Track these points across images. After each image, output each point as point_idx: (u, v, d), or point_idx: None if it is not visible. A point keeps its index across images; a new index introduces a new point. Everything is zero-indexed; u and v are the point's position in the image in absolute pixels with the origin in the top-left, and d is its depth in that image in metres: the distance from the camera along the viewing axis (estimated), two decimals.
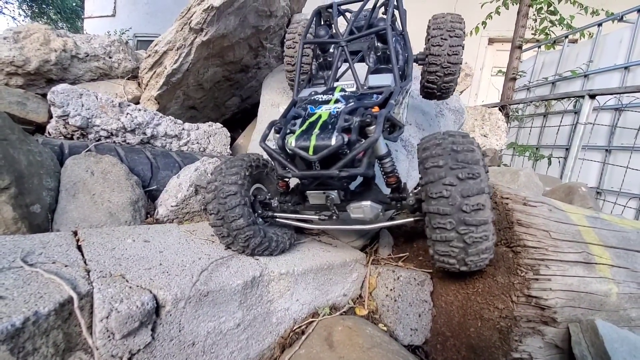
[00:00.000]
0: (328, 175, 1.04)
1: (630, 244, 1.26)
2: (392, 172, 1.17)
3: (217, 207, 1.20)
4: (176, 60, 1.98)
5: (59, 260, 1.03)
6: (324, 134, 1.04)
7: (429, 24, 1.75)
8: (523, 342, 1.02)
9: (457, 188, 0.92)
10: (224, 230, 1.22)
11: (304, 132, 1.09)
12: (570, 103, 4.50)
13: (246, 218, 1.19)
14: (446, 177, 0.93)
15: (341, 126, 1.06)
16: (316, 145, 1.03)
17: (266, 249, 1.29)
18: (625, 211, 3.78)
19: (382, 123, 1.05)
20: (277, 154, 1.12)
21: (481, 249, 0.96)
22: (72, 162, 1.51)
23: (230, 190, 1.18)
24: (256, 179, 1.32)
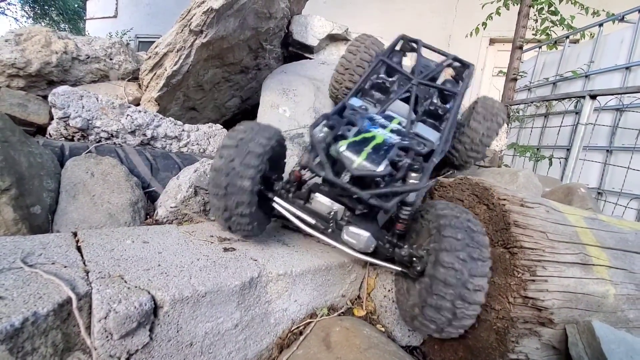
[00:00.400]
0: (356, 194, 1.06)
1: (629, 245, 1.26)
2: (405, 221, 1.20)
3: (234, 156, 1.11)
4: (176, 62, 1.99)
5: (58, 261, 1.03)
6: (375, 156, 1.08)
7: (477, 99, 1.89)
8: (520, 343, 1.03)
9: (468, 265, 0.96)
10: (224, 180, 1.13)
11: (357, 143, 1.12)
12: (571, 103, 4.49)
13: (254, 183, 1.12)
14: (462, 251, 0.96)
15: (392, 158, 1.10)
16: (363, 163, 1.06)
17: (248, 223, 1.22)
18: (626, 212, 3.76)
19: (427, 176, 1.11)
20: (322, 148, 1.12)
21: (463, 324, 1.01)
22: (73, 163, 1.52)
23: (256, 151, 1.12)
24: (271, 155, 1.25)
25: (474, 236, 0.99)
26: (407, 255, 1.13)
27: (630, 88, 3.62)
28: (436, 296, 0.98)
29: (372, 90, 1.73)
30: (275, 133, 1.23)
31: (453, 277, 0.95)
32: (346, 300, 1.51)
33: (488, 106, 1.78)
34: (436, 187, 1.45)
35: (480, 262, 0.97)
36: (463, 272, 0.95)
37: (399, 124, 1.36)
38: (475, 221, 1.05)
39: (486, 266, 0.98)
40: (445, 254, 0.97)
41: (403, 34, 1.87)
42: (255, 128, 1.20)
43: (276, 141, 1.22)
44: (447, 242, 0.98)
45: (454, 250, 0.96)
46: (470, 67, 1.75)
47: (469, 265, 0.95)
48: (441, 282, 0.97)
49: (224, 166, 1.13)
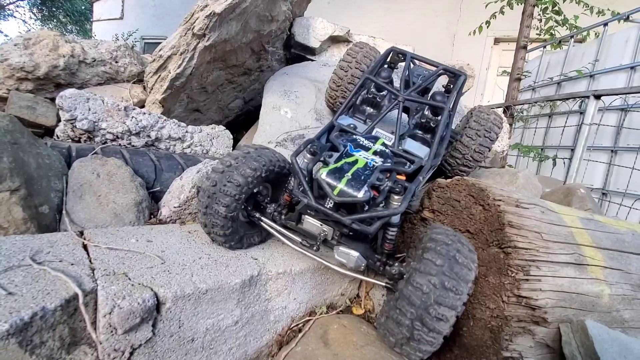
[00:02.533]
0: (338, 220, 1.09)
1: (625, 246, 1.27)
2: (392, 241, 1.23)
3: (217, 182, 1.18)
4: (180, 64, 2.03)
5: (65, 259, 1.07)
6: (354, 182, 1.10)
7: (472, 110, 1.91)
8: (514, 341, 1.04)
9: (437, 292, 0.95)
10: (206, 201, 1.20)
11: (338, 170, 1.15)
12: (575, 103, 4.47)
13: (229, 210, 1.18)
14: (435, 276, 0.97)
15: (372, 183, 1.13)
16: (343, 189, 1.08)
17: (225, 242, 1.28)
18: (631, 213, 3.74)
19: (408, 199, 1.13)
20: (304, 175, 1.17)
21: (421, 348, 1.00)
22: (79, 164, 1.57)
23: (237, 180, 1.18)
24: (269, 179, 1.31)
25: (456, 267, 0.98)
26: (397, 273, 1.15)
27: (635, 88, 3.59)
28: (398, 311, 0.99)
29: (363, 106, 1.74)
30: (269, 161, 1.26)
31: (418, 299, 0.96)
32: (345, 299, 1.54)
33: (482, 120, 1.78)
34: (434, 188, 1.47)
35: (451, 294, 0.95)
36: (430, 296, 0.94)
37: (383, 144, 1.36)
38: (467, 254, 1.03)
39: (458, 300, 0.95)
40: (418, 274, 0.98)
41: (393, 47, 1.88)
42: (249, 156, 1.23)
43: (269, 169, 1.26)
44: (424, 264, 0.99)
45: (426, 274, 0.97)
46: (461, 78, 1.73)
47: (438, 292, 0.94)
48: (406, 299, 0.98)
49: (208, 188, 1.20)
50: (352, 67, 1.95)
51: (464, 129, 1.83)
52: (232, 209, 1.20)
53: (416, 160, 1.36)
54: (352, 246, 1.17)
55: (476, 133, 1.75)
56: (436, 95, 1.62)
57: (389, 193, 1.15)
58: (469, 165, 1.81)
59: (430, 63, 1.84)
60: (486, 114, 1.80)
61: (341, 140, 1.32)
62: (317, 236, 1.19)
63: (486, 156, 1.80)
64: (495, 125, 1.76)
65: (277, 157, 1.32)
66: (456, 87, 1.70)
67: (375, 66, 1.74)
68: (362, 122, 1.67)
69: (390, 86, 1.67)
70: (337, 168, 1.13)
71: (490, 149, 1.81)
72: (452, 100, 1.62)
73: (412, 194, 1.14)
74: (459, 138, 1.81)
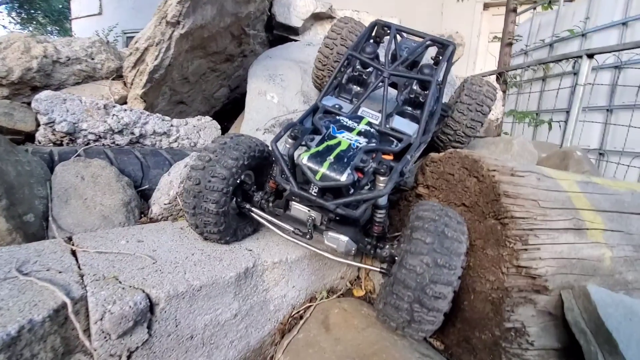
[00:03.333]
0: (322, 205, 1.06)
1: (625, 207, 1.25)
2: (381, 223, 1.19)
3: (200, 179, 1.14)
4: (157, 56, 1.95)
5: (53, 267, 1.05)
6: (337, 165, 1.06)
7: (464, 82, 1.82)
8: (515, 312, 1.03)
9: (431, 270, 0.93)
10: (193, 202, 1.16)
11: (319, 153, 1.10)
12: (568, 64, 4.37)
13: (219, 206, 1.16)
14: (427, 255, 0.94)
15: (356, 165, 1.09)
16: (326, 173, 1.04)
17: (220, 238, 1.25)
18: (629, 170, 3.72)
19: (394, 180, 1.08)
20: (285, 161, 1.12)
21: (423, 328, 0.99)
22: (62, 168, 1.52)
23: (221, 173, 1.14)
24: (252, 166, 1.28)
25: (446, 242, 0.96)
26: (389, 256, 1.13)
27: (628, 44, 3.50)
28: (395, 296, 0.97)
29: (349, 84, 1.67)
30: (249, 148, 1.22)
31: (413, 280, 0.94)
32: (345, 282, 1.53)
33: (474, 93, 1.71)
34: (427, 163, 1.43)
35: (445, 270, 0.93)
36: (424, 276, 0.93)
37: (368, 123, 1.31)
38: (456, 226, 1.01)
39: (453, 275, 0.94)
40: (409, 256, 0.96)
41: (377, 20, 1.78)
42: (227, 147, 1.18)
43: (250, 156, 1.22)
44: (414, 244, 0.97)
45: (418, 254, 0.95)
46: (449, 48, 1.65)
47: (432, 271, 0.93)
48: (401, 283, 0.95)
49: (192, 188, 1.15)
50: (338, 44, 1.87)
51: (455, 103, 1.77)
52: (222, 203, 1.17)
53: (404, 138, 1.31)
54: (341, 230, 1.14)
55: (468, 107, 1.69)
56: (424, 68, 1.55)
57: (374, 174, 1.11)
58: (461, 141, 1.76)
59: (417, 34, 1.76)
60: (478, 85, 1.73)
61: (324, 122, 1.26)
62: (306, 222, 1.16)
63: (478, 130, 1.75)
64: (488, 97, 1.70)
65: (256, 142, 1.27)
66: (445, 57, 1.64)
67: (358, 42, 1.66)
68: (348, 101, 1.61)
69: (375, 62, 1.60)
70: (318, 152, 1.09)
71: (483, 123, 1.76)
72: (440, 72, 1.55)
73: (398, 173, 1.09)
74: (451, 113, 1.75)
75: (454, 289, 0.95)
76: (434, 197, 1.39)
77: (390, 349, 1.05)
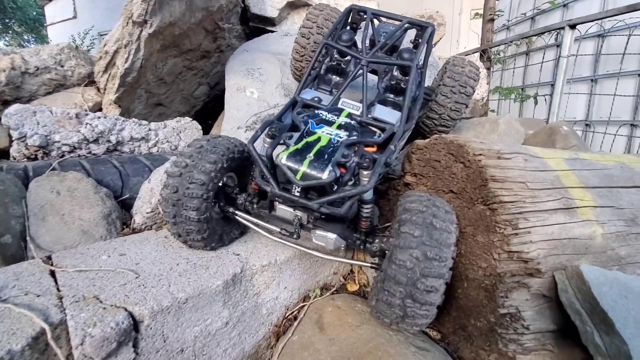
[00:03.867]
0: (305, 206, 1.02)
1: (614, 181, 1.23)
2: (368, 218, 1.15)
3: (178, 187, 1.10)
4: (127, 58, 1.86)
5: (31, 291, 1.00)
6: (317, 163, 1.01)
7: (447, 64, 1.77)
8: (509, 297, 1.02)
9: (421, 264, 0.91)
10: (172, 210, 1.13)
11: (299, 151, 1.06)
12: (551, 37, 4.34)
13: (200, 213, 1.11)
14: (417, 249, 0.92)
15: (337, 160, 1.04)
16: (306, 172, 1.00)
17: (205, 245, 1.22)
18: (616, 140, 3.74)
19: (377, 174, 1.04)
20: (263, 162, 1.08)
21: (417, 322, 0.97)
22: (36, 185, 1.46)
23: (199, 179, 1.10)
24: (232, 168, 1.23)
25: (435, 234, 0.94)
26: (379, 250, 1.10)
27: (610, 11, 3.47)
28: (387, 292, 0.95)
29: (328, 75, 1.60)
30: (227, 150, 1.17)
31: (403, 276, 0.91)
32: (339, 277, 1.50)
33: (456, 74, 1.67)
34: (413, 151, 1.39)
35: (435, 262, 0.91)
36: (415, 271, 0.90)
37: (348, 115, 1.26)
38: (444, 216, 0.99)
39: (444, 267, 0.92)
40: (398, 250, 0.93)
41: (352, 5, 1.72)
42: (203, 150, 1.13)
43: (230, 158, 1.17)
44: (402, 238, 0.94)
45: (407, 248, 0.92)
46: (428, 29, 1.60)
47: (422, 265, 0.91)
48: (392, 279, 0.93)
49: (170, 196, 1.11)
50: (314, 32, 1.81)
51: (438, 86, 1.73)
52: (203, 210, 1.12)
53: (387, 128, 1.27)
54: (329, 228, 1.11)
55: (451, 90, 1.65)
56: (403, 52, 1.49)
57: (357, 169, 1.07)
58: (446, 125, 1.72)
59: (394, 18, 1.70)
60: (460, 66, 1.69)
61: (302, 118, 1.22)
62: (292, 222, 1.13)
63: (464, 112, 1.71)
64: (471, 78, 1.66)
65: (234, 142, 1.22)
66: (424, 40, 1.58)
67: (334, 29, 1.60)
68: (328, 93, 1.56)
69: (352, 49, 1.54)
70: (297, 150, 1.05)
71: (468, 105, 1.72)
72: (420, 55, 1.50)
73: (381, 166, 1.06)
74: (434, 97, 1.71)
75: (446, 281, 0.93)
76: (421, 185, 1.36)
77: (385, 346, 1.03)
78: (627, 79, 3.69)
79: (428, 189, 1.32)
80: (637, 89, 3.63)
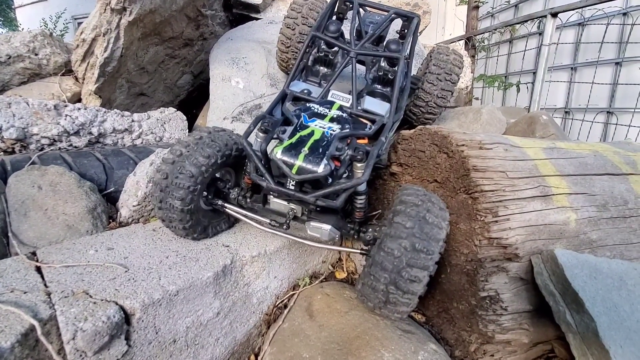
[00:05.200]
0: (301, 199, 1.04)
1: (588, 169, 1.29)
2: (362, 209, 1.18)
3: (168, 174, 1.11)
4: (106, 47, 1.80)
5: (18, 288, 0.99)
6: (312, 157, 1.03)
7: (432, 52, 1.79)
8: (489, 281, 1.07)
9: (408, 254, 0.94)
10: (159, 195, 1.14)
11: (293, 146, 1.06)
12: (533, 25, 4.40)
13: (184, 204, 1.12)
14: (406, 239, 0.94)
15: (332, 154, 1.06)
16: (302, 166, 1.02)
17: (187, 235, 1.23)
18: (593, 127, 3.87)
19: (371, 165, 1.06)
20: (257, 157, 1.08)
21: (398, 309, 1.00)
22: (15, 179, 1.42)
23: (190, 171, 1.10)
24: (230, 164, 1.24)
25: (426, 228, 0.97)
26: (372, 239, 1.13)
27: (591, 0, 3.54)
28: (372, 277, 0.99)
29: (316, 66, 1.60)
30: (225, 145, 1.17)
31: (390, 263, 0.95)
32: (327, 265, 1.54)
33: (441, 62, 1.69)
34: (399, 141, 1.42)
35: (422, 255, 0.94)
36: (402, 259, 0.94)
37: (339, 108, 1.27)
38: (438, 212, 1.01)
39: (429, 259, 0.95)
40: (389, 239, 0.96)
41: None
42: (201, 143, 1.14)
43: (226, 154, 1.17)
44: (394, 228, 0.97)
45: (397, 237, 0.95)
46: (414, 20, 1.61)
47: (409, 255, 0.94)
48: (379, 265, 0.97)
49: (160, 181, 1.11)
50: (299, 23, 1.79)
51: (424, 74, 1.75)
52: (188, 201, 1.13)
53: (377, 119, 1.29)
54: (323, 219, 1.14)
55: (437, 77, 1.68)
56: (390, 44, 1.50)
57: (351, 161, 1.09)
58: (433, 112, 1.76)
59: (380, 8, 1.70)
60: (445, 55, 1.71)
61: (294, 112, 1.22)
62: (287, 214, 1.15)
63: (449, 100, 1.75)
64: (456, 65, 1.69)
65: (234, 139, 1.23)
66: (410, 31, 1.60)
67: (321, 21, 1.59)
68: (317, 84, 1.56)
69: (340, 41, 1.54)
70: (292, 144, 1.06)
71: (453, 92, 1.76)
72: (407, 46, 1.52)
73: (374, 159, 1.08)
74: (421, 85, 1.73)
75: (430, 274, 0.97)
76: (407, 175, 1.39)
77: (372, 330, 1.07)
78: (605, 67, 3.79)
79: (413, 179, 1.36)
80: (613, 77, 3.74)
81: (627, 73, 3.66)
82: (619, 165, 1.35)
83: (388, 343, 1.03)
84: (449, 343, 1.20)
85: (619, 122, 3.67)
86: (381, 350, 1.00)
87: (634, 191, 1.30)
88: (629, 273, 1.10)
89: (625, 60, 3.64)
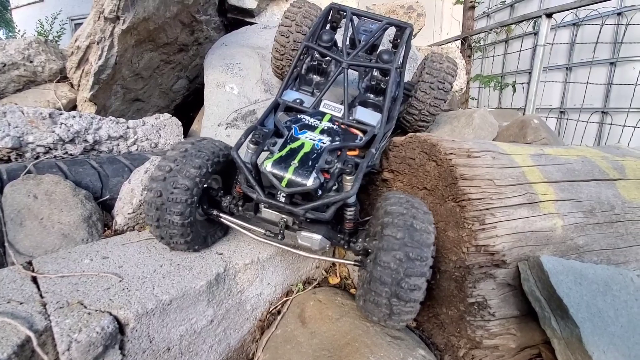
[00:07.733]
0: (291, 212, 1.05)
1: (575, 175, 1.31)
2: (352, 220, 1.20)
3: (162, 191, 1.10)
4: (100, 55, 1.81)
5: (13, 299, 1.01)
6: (302, 170, 1.05)
7: (425, 59, 1.80)
8: (477, 287, 1.09)
9: (404, 265, 0.95)
10: (156, 214, 1.13)
11: (283, 158, 1.08)
12: (529, 25, 4.42)
13: (184, 218, 1.13)
14: (399, 250, 0.96)
15: (321, 166, 1.08)
16: (291, 179, 1.04)
17: (188, 248, 1.24)
18: (587, 127, 3.90)
19: (360, 179, 1.08)
20: (248, 169, 1.10)
21: (403, 318, 1.02)
22: (11, 189, 1.43)
23: (184, 184, 1.10)
24: (217, 171, 1.24)
25: (415, 235, 0.98)
26: (362, 250, 1.15)
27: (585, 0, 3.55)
28: (374, 293, 1.00)
29: (309, 74, 1.61)
30: (212, 154, 1.18)
31: (388, 277, 0.96)
32: (321, 271, 1.56)
33: (435, 70, 1.70)
34: (390, 148, 1.44)
35: (417, 262, 0.96)
36: (399, 271, 0.95)
37: (330, 120, 1.29)
38: (423, 217, 1.03)
39: (424, 266, 0.97)
40: (383, 253, 0.98)
41: (332, 3, 1.72)
42: (188, 154, 1.14)
43: (215, 162, 1.18)
44: (386, 240, 0.99)
45: (391, 250, 0.96)
46: (407, 30, 1.63)
47: (405, 265, 0.95)
48: (378, 280, 0.98)
49: (154, 200, 1.11)
50: (293, 31, 1.80)
51: (418, 82, 1.76)
52: (187, 214, 1.14)
53: (368, 130, 1.30)
54: (313, 229, 1.15)
55: (430, 86, 1.69)
56: (383, 54, 1.52)
57: (340, 174, 1.11)
58: (426, 120, 1.77)
59: (374, 18, 1.72)
60: (438, 63, 1.73)
61: (285, 123, 1.24)
62: (278, 223, 1.16)
63: (442, 108, 1.76)
64: (449, 74, 1.70)
65: (219, 146, 1.24)
66: (403, 41, 1.62)
67: (314, 29, 1.60)
68: (310, 94, 1.57)
69: (332, 50, 1.55)
70: (282, 157, 1.08)
71: (447, 100, 1.77)
72: (399, 56, 1.53)
73: (363, 172, 1.10)
74: (414, 93, 1.75)
75: (427, 279, 0.99)
76: (398, 181, 1.41)
77: (362, 337, 1.09)
78: (599, 68, 3.82)
79: (404, 186, 1.38)
80: (608, 77, 3.77)
81: (621, 73, 3.68)
82: (606, 170, 1.37)
83: (377, 350, 1.06)
84: (438, 348, 1.23)
85: (613, 122, 3.70)
86: (370, 357, 1.02)
87: (621, 196, 1.32)
88: (615, 278, 1.12)
89: (620, 60, 3.66)
